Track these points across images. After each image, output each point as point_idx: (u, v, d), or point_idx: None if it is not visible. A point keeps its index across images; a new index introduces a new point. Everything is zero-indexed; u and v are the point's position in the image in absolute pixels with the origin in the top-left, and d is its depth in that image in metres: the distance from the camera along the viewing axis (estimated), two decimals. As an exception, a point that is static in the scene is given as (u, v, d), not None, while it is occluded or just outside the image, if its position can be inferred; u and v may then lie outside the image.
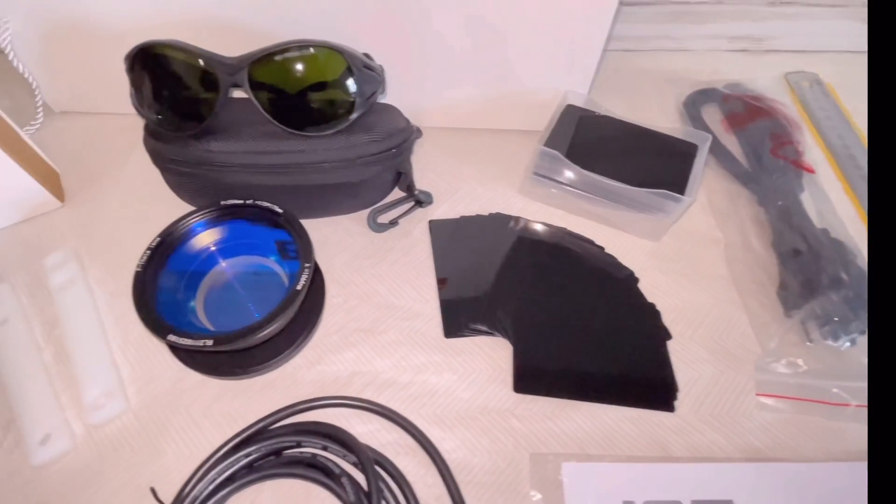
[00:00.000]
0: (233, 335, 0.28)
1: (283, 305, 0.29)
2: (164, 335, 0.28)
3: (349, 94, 0.32)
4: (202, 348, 0.28)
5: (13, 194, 0.38)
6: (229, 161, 0.34)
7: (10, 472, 0.30)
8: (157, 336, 0.28)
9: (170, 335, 0.28)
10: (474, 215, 0.40)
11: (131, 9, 0.38)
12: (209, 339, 0.28)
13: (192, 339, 0.28)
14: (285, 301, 0.29)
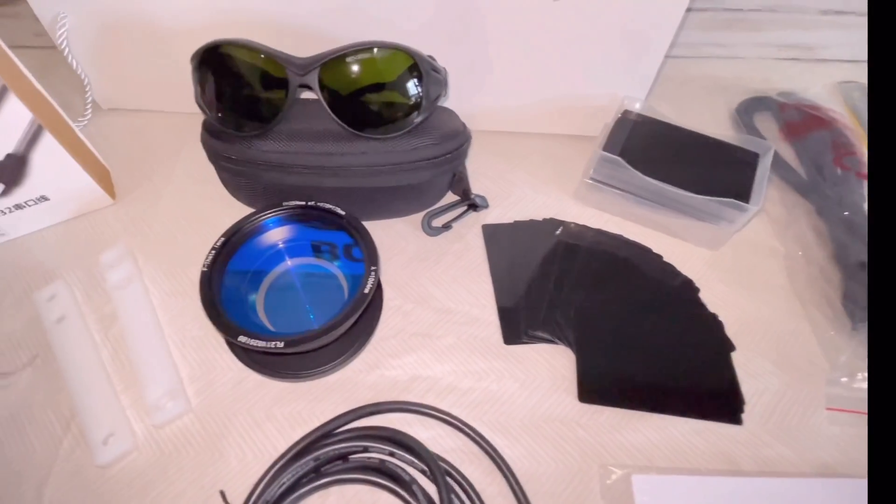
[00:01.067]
0: (303, 337, 0.28)
1: (351, 309, 0.29)
2: (235, 336, 0.28)
3: (417, 96, 0.32)
4: (273, 350, 0.27)
5: (68, 190, 0.38)
6: (290, 162, 0.33)
7: (72, 471, 0.29)
8: (227, 337, 0.28)
9: (240, 336, 0.28)
10: (528, 220, 0.39)
11: (188, 7, 0.38)
12: (280, 340, 0.28)
13: (263, 341, 0.28)
14: (353, 304, 0.29)
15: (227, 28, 0.38)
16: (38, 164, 0.35)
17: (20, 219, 0.37)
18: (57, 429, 0.31)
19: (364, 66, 0.31)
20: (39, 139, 0.34)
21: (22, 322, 0.35)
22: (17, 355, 0.34)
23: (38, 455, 0.30)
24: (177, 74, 0.42)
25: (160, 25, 0.39)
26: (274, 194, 0.36)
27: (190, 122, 0.46)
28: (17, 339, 0.34)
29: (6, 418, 0.31)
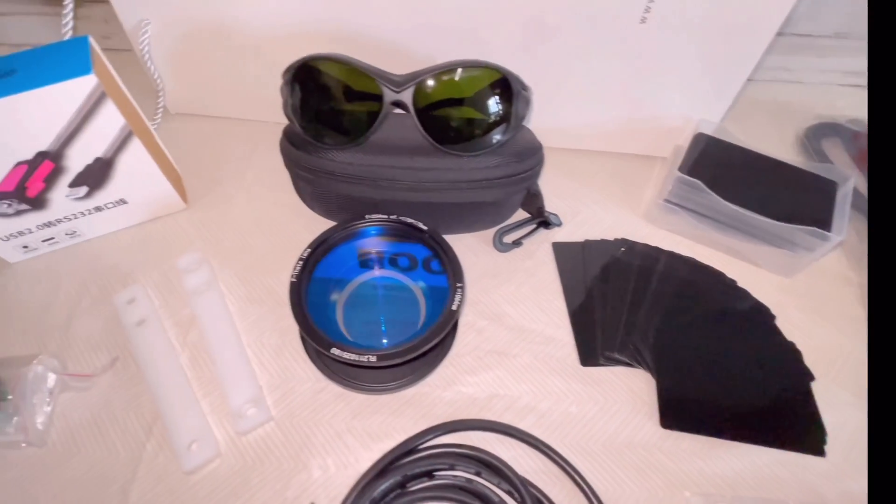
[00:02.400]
0: (395, 351, 0.28)
1: (439, 325, 0.29)
2: (328, 348, 0.28)
3: (508, 115, 0.32)
4: (366, 364, 0.27)
5: (147, 195, 0.38)
6: (370, 175, 0.34)
7: (157, 476, 0.30)
8: (319, 348, 0.28)
9: (333, 349, 0.28)
10: (599, 240, 0.39)
11: (271, 20, 0.38)
12: (372, 354, 0.28)
13: (355, 354, 0.28)
14: (442, 321, 0.29)
15: (306, 41, 0.38)
16: (123, 168, 0.35)
17: (97, 220, 0.38)
18: (139, 432, 0.31)
19: (458, 84, 0.31)
20: (128, 144, 0.34)
21: (100, 324, 0.35)
22: (97, 357, 0.34)
23: (122, 458, 0.30)
24: (251, 83, 0.44)
25: (241, 35, 0.39)
26: (349, 206, 0.36)
27: (259, 129, 0.47)
28: (95, 340, 0.35)
29: (88, 420, 0.32)
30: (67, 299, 0.36)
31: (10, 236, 0.36)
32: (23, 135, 0.31)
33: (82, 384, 0.32)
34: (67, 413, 0.32)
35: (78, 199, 0.36)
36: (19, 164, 0.32)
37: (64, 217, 0.37)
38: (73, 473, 0.30)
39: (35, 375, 0.31)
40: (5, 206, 0.34)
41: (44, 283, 0.37)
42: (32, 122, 0.31)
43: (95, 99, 0.31)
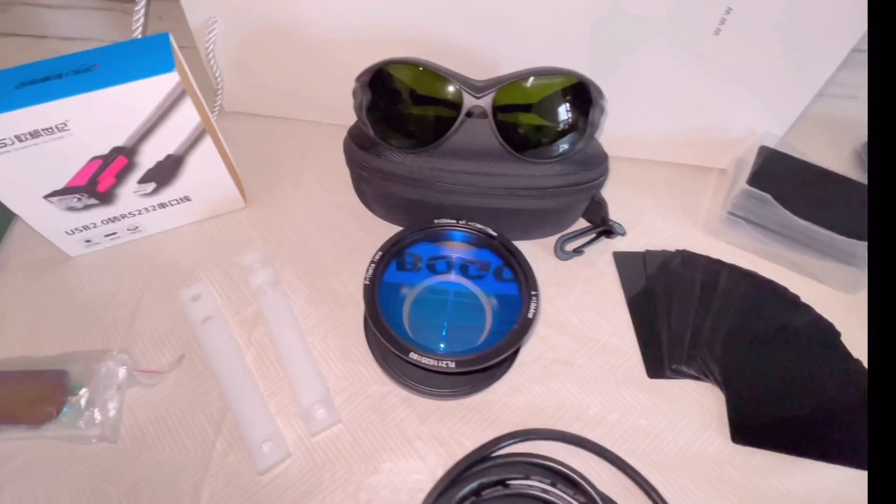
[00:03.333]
0: (474, 358, 0.28)
1: (517, 332, 0.29)
2: (406, 353, 0.28)
3: (585, 123, 0.32)
4: (444, 370, 0.27)
5: (211, 193, 0.38)
6: (438, 179, 0.34)
7: (228, 475, 0.30)
8: (397, 353, 0.28)
9: (411, 353, 0.28)
10: (660, 250, 0.39)
11: (339, 22, 0.38)
12: (451, 360, 0.28)
13: (434, 360, 0.28)
14: (519, 328, 0.29)
15: (370, 44, 0.38)
16: (192, 166, 0.35)
17: (159, 217, 0.38)
18: (208, 430, 0.31)
19: (537, 91, 0.31)
20: (200, 142, 0.34)
21: (163, 320, 0.36)
22: (162, 353, 0.34)
23: (192, 456, 0.30)
24: (310, 84, 0.44)
25: (306, 36, 0.39)
26: (413, 209, 0.37)
27: (313, 130, 0.47)
28: (159, 336, 0.35)
29: (156, 417, 0.32)
30: (130, 295, 0.37)
31: (74, 230, 0.36)
32: (101, 130, 0.31)
33: (151, 380, 0.32)
34: (135, 409, 0.32)
35: (145, 195, 0.36)
36: (94, 158, 0.32)
37: (129, 212, 0.37)
38: (144, 470, 0.30)
39: (107, 370, 0.31)
40: (75, 200, 0.34)
41: (106, 277, 0.37)
42: (112, 117, 0.31)
43: (175, 96, 0.31)
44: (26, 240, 0.39)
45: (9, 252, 0.39)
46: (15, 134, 0.29)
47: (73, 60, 0.30)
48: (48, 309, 0.36)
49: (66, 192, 0.33)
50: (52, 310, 0.36)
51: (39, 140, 0.30)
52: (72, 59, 0.30)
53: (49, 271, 0.38)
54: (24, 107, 0.28)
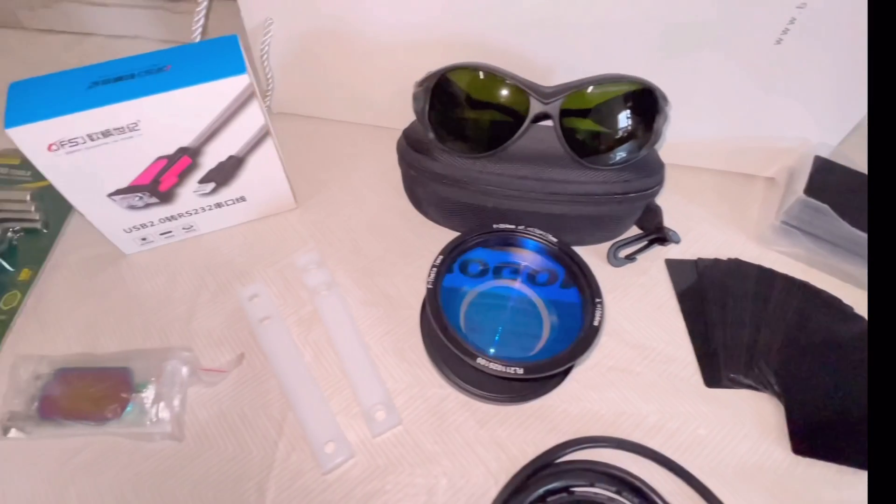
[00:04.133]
0: (543, 364, 0.28)
1: (583, 340, 0.29)
2: (474, 358, 0.28)
3: (650, 130, 0.32)
4: (512, 376, 0.27)
5: (267, 192, 0.39)
6: (501, 184, 0.34)
7: (292, 475, 0.30)
8: (464, 358, 0.28)
9: (479, 359, 0.28)
10: (712, 259, 0.39)
11: (394, 25, 0.38)
12: (520, 367, 0.28)
13: (502, 366, 0.28)
14: (585, 336, 0.29)
15: (425, 47, 0.39)
16: (252, 167, 0.36)
17: (214, 216, 0.38)
18: (270, 430, 0.31)
19: (604, 98, 0.31)
20: (262, 144, 0.35)
21: (220, 319, 0.36)
22: (220, 352, 0.34)
23: (255, 455, 0.31)
24: (362, 86, 0.44)
25: (360, 38, 0.40)
26: (468, 213, 0.37)
27: (362, 132, 0.47)
28: (217, 335, 0.35)
29: (217, 415, 0.32)
30: (186, 293, 0.37)
31: (132, 228, 0.37)
32: (170, 130, 0.31)
33: (213, 379, 0.32)
34: (196, 407, 0.32)
35: (203, 195, 0.36)
36: (160, 158, 0.33)
37: (186, 212, 0.37)
38: (208, 469, 0.30)
39: (172, 369, 0.31)
40: (137, 198, 0.35)
41: (161, 275, 0.38)
42: (181, 118, 0.31)
43: (245, 98, 0.31)
44: (80, 237, 0.40)
45: (64, 249, 0.39)
46: (87, 133, 0.30)
47: (145, 60, 0.31)
48: (105, 306, 0.36)
49: (129, 191, 0.34)
50: (110, 307, 0.36)
51: (110, 139, 0.30)
52: (143, 59, 0.31)
53: (104, 269, 0.38)
54: (98, 106, 0.29)
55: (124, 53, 0.59)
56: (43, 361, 0.32)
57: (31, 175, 0.43)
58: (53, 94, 0.29)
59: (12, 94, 0.29)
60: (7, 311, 0.36)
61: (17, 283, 0.37)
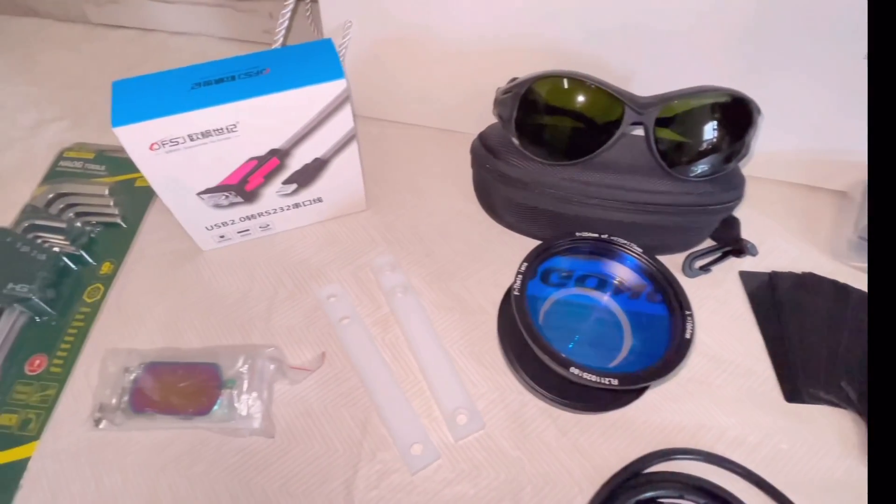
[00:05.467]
0: (638, 376, 0.28)
1: (676, 353, 0.29)
2: (567, 367, 0.28)
3: (742, 143, 0.32)
4: (607, 387, 0.28)
5: (341, 195, 0.39)
6: (585, 192, 0.34)
7: (378, 475, 0.30)
8: (557, 366, 0.28)
9: (572, 368, 0.28)
10: (787, 272, 0.39)
11: (475, 31, 0.39)
12: (614, 377, 0.28)
13: (596, 376, 0.28)
14: (678, 349, 0.29)
15: (505, 53, 0.39)
16: (334, 169, 0.36)
17: (290, 216, 0.39)
18: (355, 429, 0.32)
19: (699, 109, 0.31)
20: (347, 147, 0.35)
21: (299, 317, 0.36)
22: (301, 350, 0.35)
23: (341, 454, 0.31)
24: (435, 90, 0.44)
25: (437, 42, 0.40)
26: (545, 219, 0.37)
27: (431, 136, 0.47)
28: (297, 333, 0.36)
29: (302, 413, 0.33)
30: (264, 291, 0.38)
31: (214, 226, 0.37)
32: (265, 132, 0.32)
33: (298, 377, 0.33)
34: (281, 405, 0.33)
35: (284, 196, 0.37)
36: (251, 159, 0.33)
37: (265, 211, 0.38)
38: (295, 466, 0.31)
39: (260, 365, 0.32)
40: (223, 197, 0.35)
41: (239, 273, 0.38)
42: (278, 120, 0.31)
43: (339, 102, 0.32)
44: (157, 232, 0.41)
45: (142, 244, 0.40)
46: (188, 133, 0.30)
47: (244, 63, 0.31)
48: (185, 301, 0.37)
49: (217, 190, 0.34)
50: (189, 302, 0.37)
51: (208, 140, 0.31)
52: (241, 61, 0.31)
53: (182, 264, 0.39)
54: (201, 108, 0.29)
55: (186, 50, 0.60)
56: (132, 355, 0.33)
57: (105, 169, 0.44)
58: (157, 93, 0.30)
59: (117, 93, 0.30)
60: (91, 304, 0.37)
61: (99, 276, 0.38)
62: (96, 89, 0.51)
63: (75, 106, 0.50)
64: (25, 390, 0.33)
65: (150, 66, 0.54)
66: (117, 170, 0.44)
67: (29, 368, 0.34)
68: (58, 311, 0.36)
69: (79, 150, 0.46)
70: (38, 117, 0.49)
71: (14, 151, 0.46)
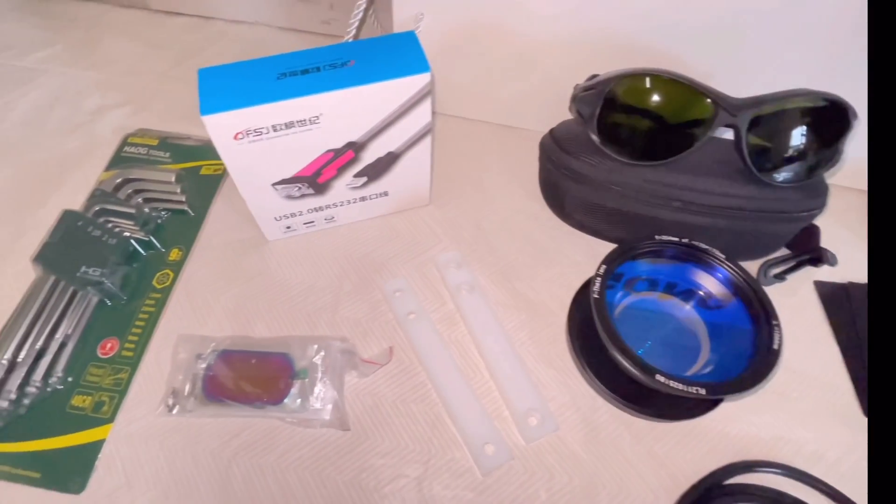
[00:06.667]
0: (724, 386, 0.27)
1: (763, 364, 0.28)
2: (652, 374, 0.28)
3: (835, 149, 0.31)
4: (694, 395, 0.27)
5: (409, 188, 0.39)
6: (666, 194, 0.33)
7: (451, 474, 0.30)
8: (642, 374, 0.28)
9: (657, 375, 0.28)
10: (863, 283, 0.37)
11: (547, 25, 0.38)
12: (701, 387, 0.27)
13: (683, 385, 0.27)
14: (765, 359, 0.28)
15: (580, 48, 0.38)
16: (405, 163, 0.36)
17: (354, 209, 0.39)
18: (424, 425, 0.32)
19: (794, 113, 0.30)
20: (420, 141, 0.35)
21: (364, 310, 0.36)
22: (368, 343, 0.35)
23: (411, 450, 0.31)
24: (503, 85, 0.43)
25: (511, 37, 0.39)
26: (617, 220, 0.36)
27: (488, 131, 0.46)
28: (363, 326, 0.36)
29: (371, 408, 0.32)
30: (330, 283, 0.38)
31: (282, 217, 0.37)
32: (346, 125, 0.32)
33: (368, 370, 0.33)
34: (351, 398, 0.33)
35: (353, 189, 0.37)
36: (328, 151, 0.33)
37: (332, 204, 0.37)
38: (366, 460, 0.31)
39: (332, 357, 0.32)
40: (296, 189, 0.35)
41: (304, 264, 0.38)
42: (359, 113, 0.31)
43: (421, 96, 0.31)
44: (222, 221, 0.41)
45: (209, 232, 0.40)
46: (273, 123, 0.30)
47: (328, 54, 0.31)
48: (252, 290, 0.37)
49: (292, 181, 0.34)
50: (256, 291, 0.37)
51: (290, 131, 0.31)
52: (325, 52, 0.31)
53: (249, 254, 0.39)
54: (288, 98, 0.29)
55: (244, 39, 0.60)
56: (204, 342, 0.34)
57: (169, 156, 0.45)
58: (244, 83, 0.30)
59: (203, 81, 0.30)
60: (161, 290, 0.37)
61: (168, 262, 0.38)
62: (158, 76, 0.51)
63: (137, 92, 0.50)
64: (98, 373, 0.34)
65: (209, 54, 0.54)
66: (181, 157, 0.44)
67: (101, 351, 0.35)
68: (128, 295, 0.37)
69: (142, 136, 0.46)
70: (101, 103, 0.50)
71: (79, 136, 0.47)
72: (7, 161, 0.45)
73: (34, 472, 0.31)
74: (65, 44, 0.54)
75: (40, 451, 0.31)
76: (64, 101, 0.50)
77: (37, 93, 0.50)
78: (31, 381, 0.33)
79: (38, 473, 0.31)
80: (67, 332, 0.35)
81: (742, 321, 0.31)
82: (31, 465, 0.31)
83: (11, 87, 0.50)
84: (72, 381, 0.33)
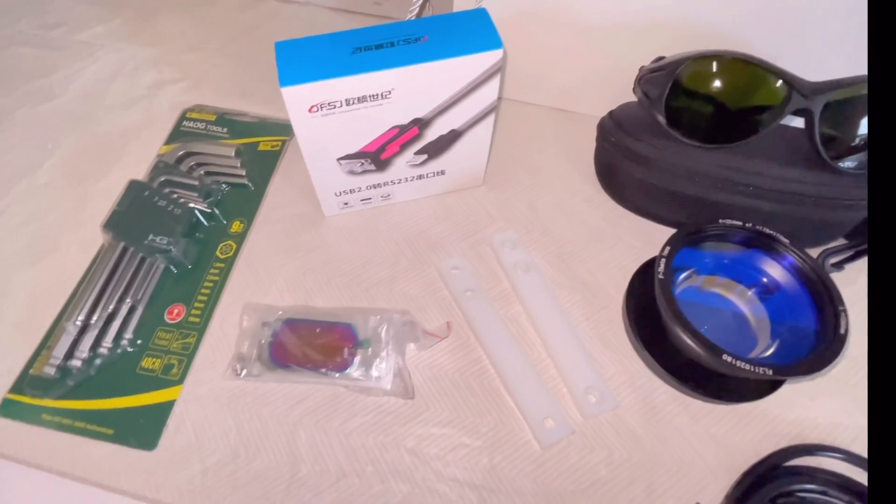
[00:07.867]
0: (792, 367, 0.28)
1: (830, 350, 0.28)
2: (719, 354, 0.28)
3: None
4: (761, 376, 0.27)
5: (465, 167, 0.39)
6: (735, 178, 0.33)
7: (513, 447, 0.31)
8: (709, 354, 0.28)
9: (724, 355, 0.28)
10: (924, 276, 0.37)
11: (606, 6, 0.38)
12: (769, 368, 0.27)
13: (750, 365, 0.28)
14: (831, 345, 0.28)
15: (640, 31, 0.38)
16: (466, 141, 0.36)
17: (411, 187, 0.39)
18: (483, 399, 0.32)
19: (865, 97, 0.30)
20: (484, 119, 0.35)
21: (420, 286, 0.37)
22: (425, 318, 0.35)
23: (471, 422, 0.31)
24: (559, 68, 0.43)
25: (569, 20, 0.39)
26: (678, 203, 0.36)
27: (542, 114, 0.47)
28: (420, 301, 0.36)
29: (431, 379, 0.33)
30: (386, 258, 0.38)
31: (342, 192, 0.38)
32: (415, 100, 0.32)
33: (429, 342, 0.34)
34: (411, 368, 0.33)
35: (413, 166, 0.37)
36: (394, 127, 0.34)
37: (391, 181, 0.38)
38: (426, 429, 0.31)
39: (395, 328, 0.33)
40: (359, 164, 0.36)
41: (361, 239, 0.39)
42: (429, 89, 0.32)
43: (492, 73, 0.31)
44: (280, 196, 0.42)
45: (268, 206, 0.41)
46: (346, 97, 0.31)
47: (402, 29, 0.31)
48: (311, 263, 0.38)
49: (356, 157, 0.35)
50: (315, 264, 0.38)
51: (362, 105, 0.31)
52: (399, 27, 0.31)
53: (307, 228, 0.40)
54: (362, 72, 0.30)
55: (296, 19, 0.60)
56: (270, 310, 0.35)
57: (226, 132, 0.46)
58: (320, 56, 0.30)
59: (280, 54, 0.30)
60: (225, 260, 0.38)
61: (230, 234, 0.39)
62: (213, 53, 0.52)
63: (193, 68, 0.51)
64: (167, 337, 0.35)
65: (261, 33, 0.55)
66: (239, 133, 0.45)
67: (168, 316, 0.36)
68: (192, 263, 0.38)
69: (200, 111, 0.47)
70: (158, 78, 0.51)
71: (138, 109, 0.48)
72: (70, 132, 0.46)
73: (107, 428, 0.32)
74: (121, 19, 0.55)
75: (113, 409, 0.33)
76: (122, 75, 0.51)
77: (95, 66, 0.51)
78: (102, 343, 0.35)
79: (111, 430, 0.32)
80: (137, 297, 0.36)
81: (805, 306, 0.31)
82: (104, 422, 0.32)
83: (71, 62, 0.52)
84: (141, 344, 0.35)
